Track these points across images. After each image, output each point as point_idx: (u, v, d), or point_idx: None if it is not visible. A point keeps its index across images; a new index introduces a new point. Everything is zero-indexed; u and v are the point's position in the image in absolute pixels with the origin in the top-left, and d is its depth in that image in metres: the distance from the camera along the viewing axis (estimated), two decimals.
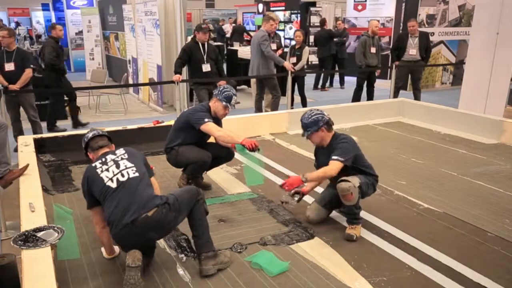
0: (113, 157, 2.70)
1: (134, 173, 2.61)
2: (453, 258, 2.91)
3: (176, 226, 2.74)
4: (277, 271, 2.73)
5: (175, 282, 2.65)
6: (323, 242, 3.12)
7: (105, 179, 2.59)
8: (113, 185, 2.56)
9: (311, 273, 2.75)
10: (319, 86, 10.95)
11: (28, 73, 5.73)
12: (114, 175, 2.59)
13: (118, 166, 2.63)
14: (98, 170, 2.64)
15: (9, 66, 5.65)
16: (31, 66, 5.85)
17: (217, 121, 3.89)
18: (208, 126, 3.61)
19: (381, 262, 2.87)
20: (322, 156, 3.37)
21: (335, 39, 10.57)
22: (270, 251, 2.96)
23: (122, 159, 2.68)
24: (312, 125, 3.23)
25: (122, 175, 2.59)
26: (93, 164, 2.70)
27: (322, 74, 11.01)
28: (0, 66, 5.66)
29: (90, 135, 2.90)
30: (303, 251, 2.99)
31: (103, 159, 2.70)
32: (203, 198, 2.74)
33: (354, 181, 3.10)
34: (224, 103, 3.71)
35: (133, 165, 2.65)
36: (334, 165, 3.12)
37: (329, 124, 3.27)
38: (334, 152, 3.17)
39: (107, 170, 2.62)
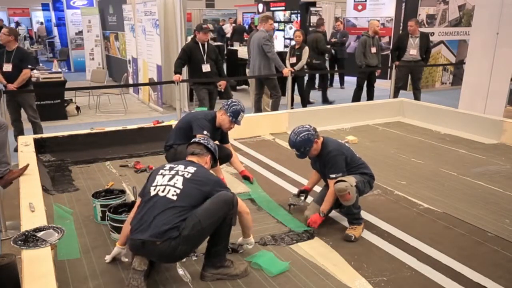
0: (179, 168, 2.62)
1: (173, 195, 2.49)
2: (453, 258, 2.91)
3: (189, 254, 2.68)
4: (277, 271, 2.73)
5: (175, 282, 2.65)
6: (323, 242, 3.12)
7: (154, 183, 2.58)
8: (152, 193, 2.53)
9: (311, 273, 2.75)
10: (316, 86, 10.93)
11: (25, 73, 5.62)
12: (161, 185, 2.55)
13: (170, 179, 2.56)
14: (161, 171, 2.65)
15: (7, 67, 5.60)
16: (29, 66, 5.75)
17: (222, 134, 3.91)
18: None
19: (381, 262, 2.87)
20: (316, 162, 3.42)
21: (331, 47, 10.56)
22: (270, 251, 2.96)
23: (182, 176, 2.57)
24: (306, 144, 3.21)
25: (164, 190, 2.52)
26: (165, 164, 2.73)
27: (317, 75, 10.98)
28: (1, 66, 5.63)
29: (195, 139, 2.99)
30: (303, 251, 2.99)
31: (174, 165, 2.67)
32: (234, 213, 2.59)
33: (351, 180, 3.10)
34: (231, 118, 3.74)
35: (181, 188, 2.52)
36: (333, 186, 3.16)
37: (317, 134, 3.26)
38: (329, 170, 3.21)
39: (163, 175, 2.60)
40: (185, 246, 2.45)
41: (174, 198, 2.49)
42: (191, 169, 2.64)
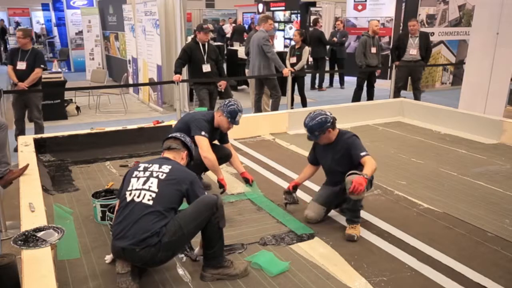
0: (154, 169, 2.59)
1: (149, 200, 2.46)
2: (453, 258, 2.92)
3: (171, 258, 2.61)
4: (277, 271, 2.73)
5: (175, 282, 2.65)
6: (323, 242, 3.12)
7: (129, 187, 2.55)
8: (128, 198, 2.50)
9: (311, 273, 2.75)
10: (316, 86, 10.96)
11: (36, 73, 5.71)
12: (136, 189, 2.51)
13: (145, 182, 2.53)
14: (135, 173, 2.61)
15: (21, 65, 5.68)
16: (41, 66, 5.80)
17: (222, 134, 3.90)
18: (202, 141, 3.57)
19: (381, 262, 2.87)
20: (326, 152, 3.37)
21: (333, 44, 10.59)
22: (270, 251, 2.96)
23: (157, 177, 2.54)
24: (318, 128, 3.22)
25: (139, 195, 2.48)
26: (140, 164, 2.69)
27: (318, 74, 11.02)
28: (14, 64, 5.71)
29: (171, 135, 2.92)
30: (303, 251, 2.99)
31: (149, 165, 2.64)
32: (220, 215, 2.55)
33: (363, 174, 3.08)
34: (228, 119, 3.71)
35: (156, 191, 2.48)
36: (371, 159, 3.15)
37: (333, 124, 3.26)
38: (357, 150, 3.19)
39: (138, 178, 2.56)
40: (165, 252, 2.43)
41: (150, 203, 2.45)
42: (166, 168, 2.60)
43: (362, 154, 3.17)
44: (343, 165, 3.24)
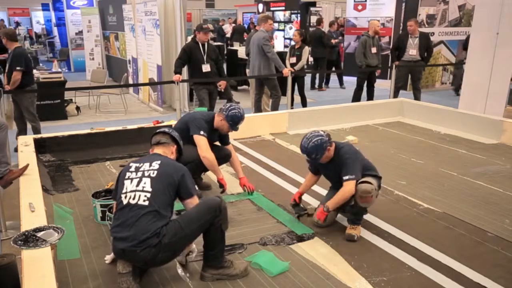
0: (145, 168, 2.59)
1: (144, 200, 2.45)
2: (453, 258, 2.91)
3: (173, 259, 2.62)
4: (277, 271, 2.73)
5: (175, 282, 2.65)
6: (323, 242, 3.12)
7: (123, 189, 2.54)
8: (124, 201, 2.50)
9: (311, 273, 2.75)
10: (316, 86, 10.95)
11: (14, 76, 5.45)
12: (130, 192, 2.51)
13: (138, 183, 2.52)
14: (127, 174, 2.60)
15: (7, 68, 5.60)
16: (17, 68, 5.43)
17: (222, 135, 3.90)
18: (200, 141, 3.58)
19: (381, 262, 2.87)
20: (328, 168, 3.30)
21: (331, 43, 10.60)
22: (270, 251, 2.96)
23: (148, 176, 2.53)
24: (318, 151, 3.12)
25: (134, 197, 2.48)
26: (130, 164, 2.67)
27: (318, 74, 11.02)
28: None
29: (161, 129, 2.91)
30: (303, 251, 2.99)
31: (139, 164, 2.63)
32: (223, 218, 2.56)
33: (374, 183, 3.06)
34: (230, 125, 3.70)
35: (150, 190, 2.48)
36: (349, 185, 3.06)
37: (330, 142, 3.18)
38: (343, 171, 3.10)
39: (131, 180, 2.55)
40: (166, 253, 2.44)
41: (146, 203, 2.45)
42: (156, 164, 2.60)
43: (345, 178, 3.07)
44: None
